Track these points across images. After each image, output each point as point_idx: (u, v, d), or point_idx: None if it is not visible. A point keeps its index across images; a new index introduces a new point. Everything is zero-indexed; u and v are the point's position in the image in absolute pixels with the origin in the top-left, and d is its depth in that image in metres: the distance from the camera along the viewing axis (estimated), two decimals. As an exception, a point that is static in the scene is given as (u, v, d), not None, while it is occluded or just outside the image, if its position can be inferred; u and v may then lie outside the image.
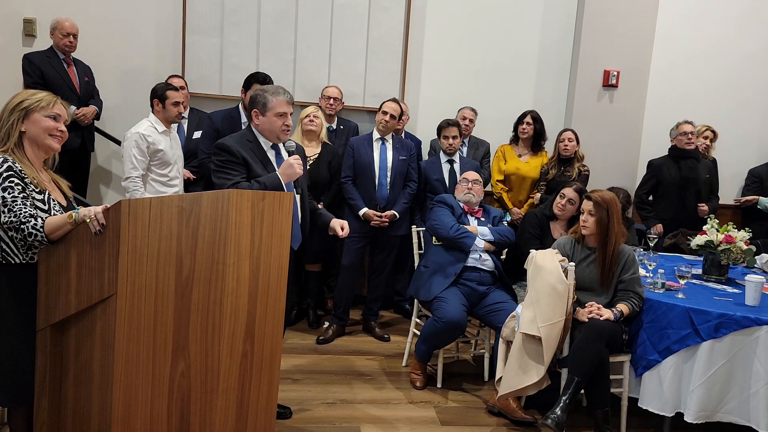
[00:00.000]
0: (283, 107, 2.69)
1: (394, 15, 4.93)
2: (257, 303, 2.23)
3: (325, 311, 4.59)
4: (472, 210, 3.71)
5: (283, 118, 2.70)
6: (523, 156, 4.56)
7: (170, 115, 3.66)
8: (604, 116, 4.98)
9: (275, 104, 2.68)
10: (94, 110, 4.29)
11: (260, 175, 2.64)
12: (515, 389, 2.98)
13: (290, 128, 2.76)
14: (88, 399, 2.01)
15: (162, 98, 3.64)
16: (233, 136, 2.76)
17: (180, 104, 3.69)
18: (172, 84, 3.84)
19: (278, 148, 2.81)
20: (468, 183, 3.72)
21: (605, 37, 4.89)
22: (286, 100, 2.70)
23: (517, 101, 4.90)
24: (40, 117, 2.08)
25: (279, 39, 4.81)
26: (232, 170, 2.63)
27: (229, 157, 2.64)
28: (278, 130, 2.71)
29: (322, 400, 3.22)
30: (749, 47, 5.19)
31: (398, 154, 4.14)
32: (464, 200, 3.70)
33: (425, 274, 3.58)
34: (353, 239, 4.09)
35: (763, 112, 5.28)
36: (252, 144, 2.73)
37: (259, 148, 2.74)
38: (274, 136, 2.74)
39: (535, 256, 3.12)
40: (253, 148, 2.72)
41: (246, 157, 2.65)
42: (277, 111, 2.68)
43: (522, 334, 2.99)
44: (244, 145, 2.69)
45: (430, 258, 3.61)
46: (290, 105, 2.73)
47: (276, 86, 2.75)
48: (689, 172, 4.49)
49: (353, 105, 4.91)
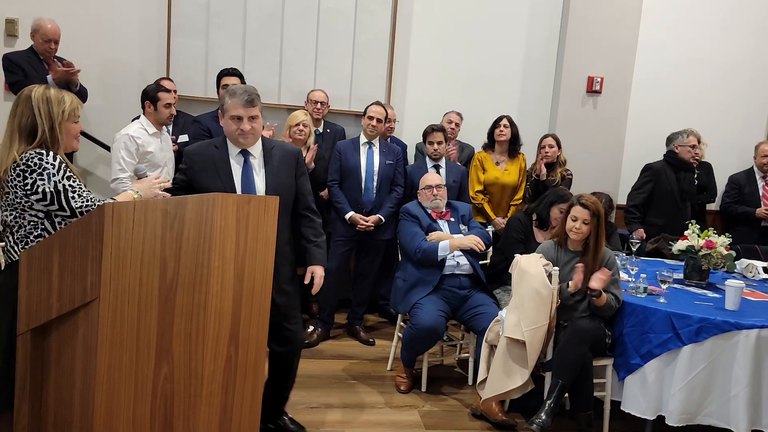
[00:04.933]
0: (237, 110, 2.43)
1: (381, 19, 4.94)
2: (242, 306, 2.21)
3: (310, 315, 4.57)
4: (441, 214, 3.72)
5: (238, 122, 2.45)
6: (501, 163, 4.50)
7: (162, 116, 3.69)
8: (587, 122, 5.03)
9: (229, 106, 2.46)
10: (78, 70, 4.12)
11: (208, 185, 2.44)
12: (499, 393, 3.00)
13: (249, 133, 2.48)
14: (69, 404, 1.99)
15: (153, 100, 3.66)
16: (207, 141, 2.69)
17: (171, 106, 3.71)
18: (164, 86, 3.83)
19: (248, 155, 2.55)
20: (432, 189, 3.70)
21: (589, 44, 4.94)
22: (240, 103, 2.43)
23: (502, 106, 4.93)
24: (71, 124, 2.26)
25: (265, 42, 4.80)
26: (175, 178, 2.66)
27: (181, 164, 2.65)
28: (234, 134, 2.48)
29: (306, 405, 3.21)
30: (731, 55, 5.28)
31: (385, 159, 4.15)
32: (432, 207, 3.71)
33: (404, 288, 3.58)
34: (339, 243, 4.10)
35: (744, 120, 5.37)
36: (218, 150, 2.54)
37: (222, 155, 2.53)
38: (233, 140, 2.52)
39: (519, 260, 3.14)
40: (215, 155, 2.52)
41: (193, 165, 2.52)
42: (231, 114, 2.45)
43: (506, 338, 3.01)
44: (205, 151, 2.54)
45: (408, 271, 3.61)
46: (248, 108, 2.44)
47: (239, 86, 2.49)
48: (689, 185, 4.52)
49: (339, 109, 4.92)
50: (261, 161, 2.56)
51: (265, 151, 2.59)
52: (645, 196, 4.56)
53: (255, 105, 2.46)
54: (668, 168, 4.54)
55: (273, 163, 2.58)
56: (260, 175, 2.55)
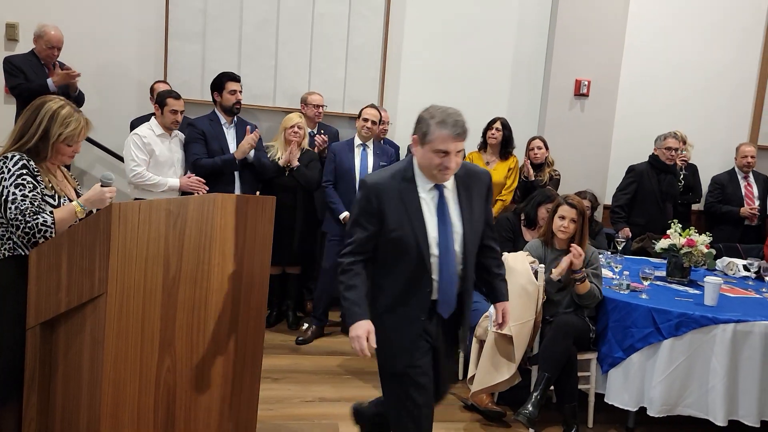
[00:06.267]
0: (446, 144, 2.02)
1: (374, 23, 5.06)
2: (240, 302, 2.33)
3: (305, 313, 4.68)
4: None
5: (442, 157, 2.04)
6: (491, 163, 4.62)
7: (166, 121, 3.87)
8: (575, 124, 5.16)
9: (437, 138, 2.04)
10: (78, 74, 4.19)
11: (397, 226, 2.10)
12: (488, 386, 3.12)
13: (453, 171, 2.10)
14: (77, 395, 2.09)
15: (161, 104, 3.85)
16: (391, 170, 2.23)
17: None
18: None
19: (441, 187, 2.16)
20: None
21: (577, 48, 5.07)
22: (452, 135, 2.03)
23: (492, 108, 5.03)
24: (64, 147, 2.26)
25: (260, 46, 4.91)
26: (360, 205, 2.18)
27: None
28: (433, 169, 2.07)
29: (302, 399, 3.32)
30: (716, 62, 5.41)
31: (379, 160, 4.26)
32: None
33: None
34: (334, 242, 4.20)
35: (728, 122, 5.51)
36: (405, 184, 2.15)
37: (411, 190, 2.15)
38: (429, 174, 2.11)
39: (507, 258, 3.25)
40: (402, 189, 2.14)
41: (380, 196, 2.13)
42: (437, 147, 2.04)
43: (494, 333, 3.12)
44: (389, 184, 2.15)
45: None
46: (458, 142, 2.04)
47: (448, 112, 2.09)
48: (669, 187, 4.66)
49: (333, 111, 5.02)
50: (454, 192, 2.19)
51: (457, 178, 2.19)
52: (629, 196, 4.68)
53: (464, 139, 2.08)
54: (651, 169, 4.67)
55: (467, 192, 2.19)
56: (455, 209, 2.17)
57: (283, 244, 4.12)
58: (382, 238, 2.13)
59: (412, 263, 2.11)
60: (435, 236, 2.12)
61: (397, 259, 2.13)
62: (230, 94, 4.08)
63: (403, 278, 2.14)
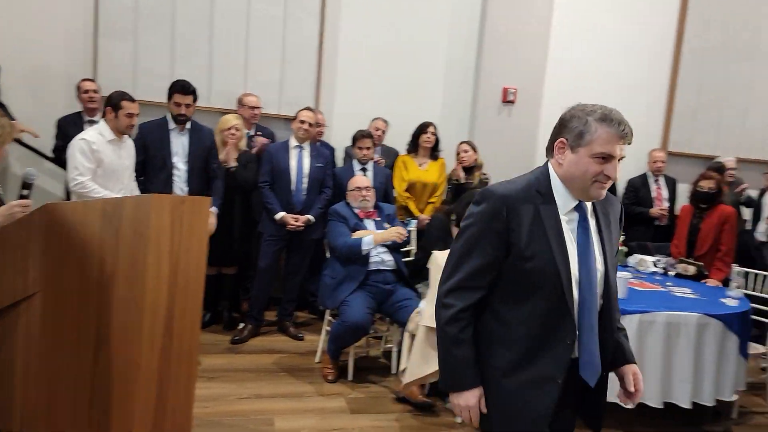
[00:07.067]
0: (611, 145, 1.66)
1: (309, 26, 5.15)
2: (176, 301, 2.36)
3: (241, 314, 4.70)
4: (368, 213, 3.98)
5: (602, 164, 1.65)
6: (424, 164, 4.84)
7: (121, 125, 3.61)
8: (503, 129, 5.42)
9: (599, 137, 1.67)
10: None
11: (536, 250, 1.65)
12: (418, 377, 3.27)
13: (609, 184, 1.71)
14: (10, 394, 2.08)
15: (116, 107, 3.58)
16: (525, 182, 1.77)
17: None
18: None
19: (584, 210, 1.74)
20: (362, 191, 3.96)
21: (504, 58, 5.33)
22: (618, 135, 1.69)
23: (424, 114, 5.22)
24: None
25: (194, 45, 4.90)
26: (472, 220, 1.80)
27: None
28: (588, 181, 1.66)
29: (237, 396, 3.37)
30: (632, 73, 5.79)
31: (315, 162, 4.35)
32: (360, 207, 3.96)
33: (332, 284, 3.80)
34: (270, 242, 4.26)
35: (642, 130, 5.84)
36: (542, 199, 1.73)
37: (551, 210, 1.74)
38: (580, 190, 1.69)
39: (436, 256, 3.42)
40: (541, 206, 1.72)
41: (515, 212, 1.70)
42: (599, 150, 1.65)
43: (425, 327, 3.28)
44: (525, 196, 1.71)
45: (335, 268, 3.83)
46: (622, 143, 1.69)
47: (608, 108, 1.77)
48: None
49: (269, 113, 5.07)
50: (593, 217, 1.75)
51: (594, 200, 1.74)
52: None
53: (630, 142, 1.70)
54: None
55: (605, 219, 1.78)
56: (596, 239, 1.73)
57: (220, 244, 4.14)
58: (508, 268, 1.65)
59: (549, 304, 1.63)
60: (576, 273, 1.65)
61: (527, 298, 1.65)
62: (175, 106, 3.99)
63: (536, 324, 1.64)
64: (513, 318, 1.65)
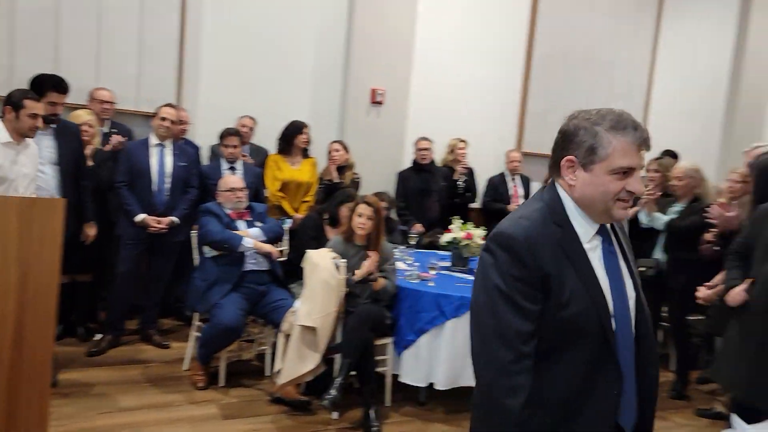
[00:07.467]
0: (631, 158, 1.43)
1: (168, 22, 4.94)
2: (26, 311, 2.16)
3: (98, 323, 4.36)
4: (240, 213, 3.90)
5: (623, 179, 1.42)
6: (296, 163, 4.81)
7: (23, 126, 3.16)
8: (372, 129, 5.53)
9: (615, 149, 1.43)
10: None
11: (568, 286, 1.45)
12: (294, 377, 3.26)
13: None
14: None
15: (17, 106, 3.12)
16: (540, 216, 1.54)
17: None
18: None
19: (607, 233, 1.53)
20: (235, 192, 3.86)
21: (371, 60, 5.44)
22: (637, 144, 1.44)
23: (295, 113, 5.18)
24: None
25: (38, 36, 4.50)
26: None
27: None
28: (610, 201, 1.43)
29: (98, 411, 3.13)
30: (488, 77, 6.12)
31: (178, 161, 4.15)
32: (234, 208, 3.87)
33: (203, 286, 3.67)
34: (129, 246, 4.01)
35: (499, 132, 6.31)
36: (561, 231, 1.51)
37: (571, 239, 1.50)
38: (598, 213, 1.47)
39: (310, 255, 3.43)
40: (561, 238, 1.50)
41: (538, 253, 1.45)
42: (618, 164, 1.41)
43: (300, 326, 3.27)
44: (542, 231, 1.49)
45: (207, 270, 3.71)
46: (641, 153, 1.47)
47: (624, 114, 1.47)
48: (425, 183, 5.28)
49: (125, 108, 4.77)
50: (613, 237, 1.54)
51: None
52: (402, 197, 5.29)
53: (649, 148, 1.47)
54: (413, 172, 5.35)
55: (624, 235, 1.60)
56: (623, 263, 1.53)
57: (73, 249, 3.80)
58: (542, 320, 1.40)
59: (590, 354, 1.42)
60: (611, 308, 1.44)
61: (566, 349, 1.42)
62: (50, 105, 3.51)
63: (578, 376, 1.42)
64: (550, 375, 1.41)
